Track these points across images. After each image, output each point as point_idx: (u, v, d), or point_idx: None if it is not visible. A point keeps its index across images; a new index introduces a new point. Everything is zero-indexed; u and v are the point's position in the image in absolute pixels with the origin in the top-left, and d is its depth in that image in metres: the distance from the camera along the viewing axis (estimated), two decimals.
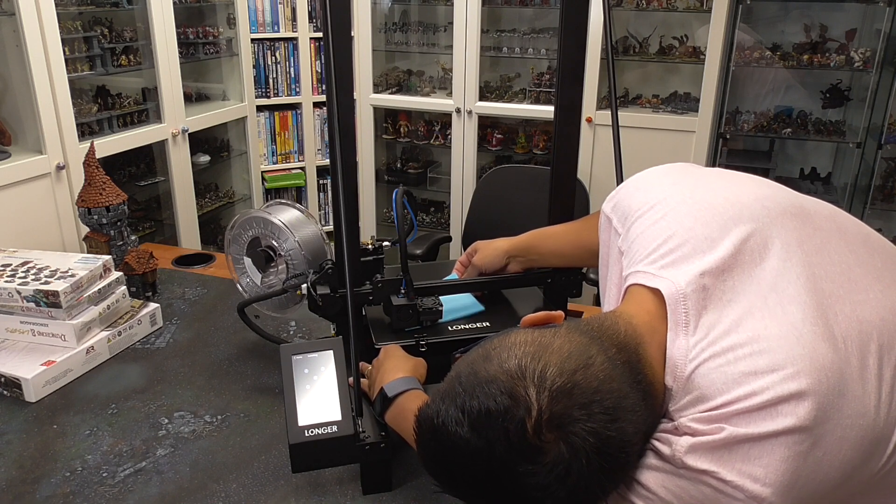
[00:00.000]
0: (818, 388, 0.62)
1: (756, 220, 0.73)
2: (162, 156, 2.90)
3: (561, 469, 0.60)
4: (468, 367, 0.67)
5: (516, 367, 0.64)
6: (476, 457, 0.62)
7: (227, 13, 3.19)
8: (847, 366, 0.64)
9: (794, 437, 0.61)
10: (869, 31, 2.87)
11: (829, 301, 0.68)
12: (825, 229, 0.74)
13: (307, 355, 1.04)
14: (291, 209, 1.38)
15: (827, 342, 0.65)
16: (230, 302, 1.64)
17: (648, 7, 3.02)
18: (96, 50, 2.55)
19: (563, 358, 0.64)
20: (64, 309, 1.35)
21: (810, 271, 0.70)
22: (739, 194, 0.77)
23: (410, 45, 3.63)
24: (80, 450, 1.16)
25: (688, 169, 0.86)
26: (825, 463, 0.62)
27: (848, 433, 0.62)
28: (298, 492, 1.07)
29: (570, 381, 0.62)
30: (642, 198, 0.82)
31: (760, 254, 0.71)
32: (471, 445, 0.62)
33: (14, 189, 2.10)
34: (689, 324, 0.68)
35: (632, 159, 0.85)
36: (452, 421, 0.63)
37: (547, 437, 0.60)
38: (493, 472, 0.62)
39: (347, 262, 1.12)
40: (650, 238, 0.77)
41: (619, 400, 0.64)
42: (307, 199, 3.67)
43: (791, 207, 0.75)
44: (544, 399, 0.61)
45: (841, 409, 0.62)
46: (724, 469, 0.62)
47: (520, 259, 1.26)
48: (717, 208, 0.75)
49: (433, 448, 0.66)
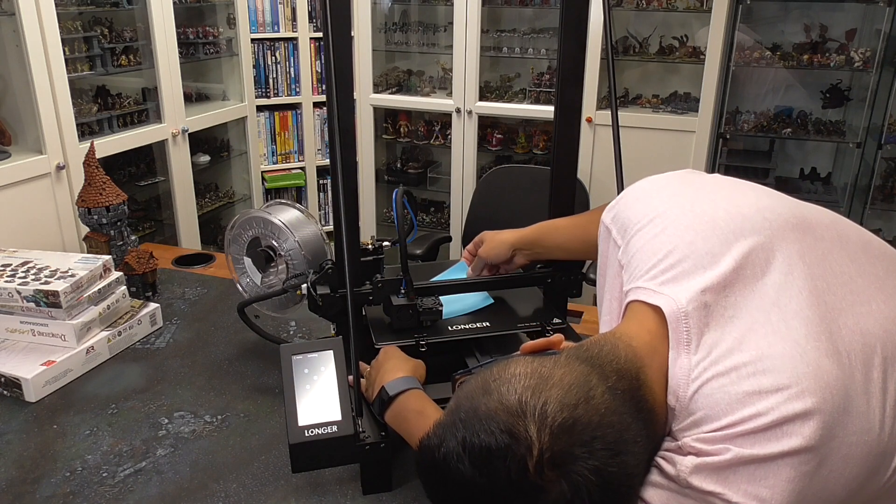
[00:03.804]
0: (823, 406, 0.61)
1: (757, 232, 0.73)
2: (162, 156, 2.90)
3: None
4: (468, 400, 0.66)
5: (516, 402, 0.63)
6: (477, 492, 0.62)
7: (227, 13, 3.19)
8: (852, 381, 0.64)
9: (801, 458, 0.61)
10: (869, 31, 2.87)
11: (832, 314, 0.68)
12: (827, 239, 0.74)
13: (307, 355, 1.04)
14: (291, 209, 1.38)
15: (831, 358, 0.64)
16: (230, 302, 1.64)
17: (648, 7, 3.02)
18: (96, 50, 2.55)
19: (564, 391, 0.63)
20: (64, 309, 1.35)
21: (813, 284, 0.69)
22: (740, 206, 0.76)
23: (410, 45, 3.63)
24: (80, 450, 1.16)
25: (687, 178, 0.85)
26: (831, 481, 0.62)
27: (854, 450, 0.62)
28: (298, 492, 1.07)
29: (570, 417, 0.62)
30: (642, 209, 0.82)
31: (762, 268, 0.70)
32: (471, 482, 0.62)
33: (14, 189, 2.10)
34: (691, 342, 0.68)
35: (632, 159, 0.84)
36: (454, 456, 0.63)
37: (548, 475, 0.60)
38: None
39: (347, 262, 1.12)
40: (650, 252, 0.77)
41: (621, 433, 0.63)
42: (307, 199, 3.67)
43: (792, 218, 0.75)
44: (545, 437, 0.60)
45: (846, 426, 0.62)
46: (731, 491, 0.62)
47: (525, 252, 1.26)
48: (718, 221, 0.75)
49: (434, 480, 0.66)
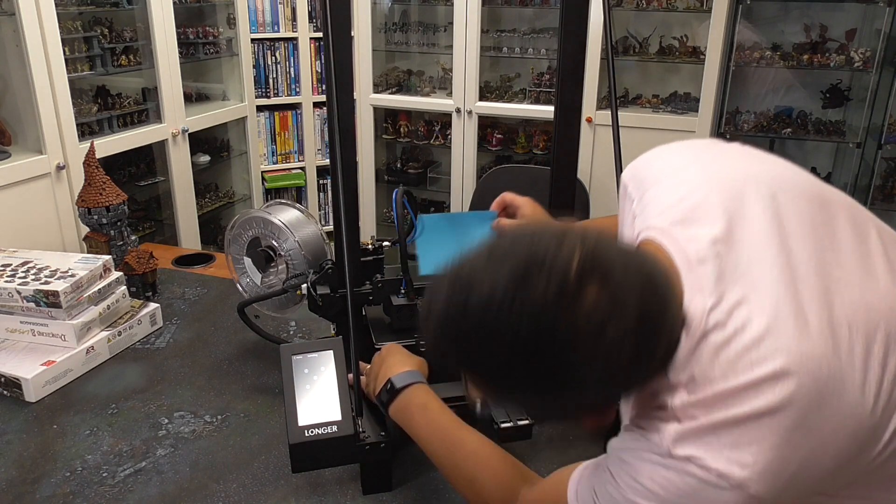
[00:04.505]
0: (802, 369, 0.61)
1: (773, 198, 0.72)
2: (162, 156, 2.90)
3: (598, 319, 0.59)
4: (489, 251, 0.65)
5: (554, 234, 0.63)
6: (510, 316, 0.59)
7: (227, 13, 3.19)
8: (849, 353, 0.63)
9: (779, 418, 0.60)
10: (869, 31, 2.87)
11: (836, 286, 0.67)
12: (841, 217, 0.73)
13: (307, 355, 1.04)
14: (291, 209, 1.38)
15: (827, 327, 0.64)
16: (230, 302, 1.64)
17: (648, 7, 3.02)
18: (96, 50, 2.55)
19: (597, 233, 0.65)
20: (64, 309, 1.35)
21: (821, 255, 0.69)
22: (760, 171, 0.76)
23: (410, 45, 3.63)
24: (80, 450, 1.16)
25: (710, 144, 0.85)
26: (819, 451, 0.62)
27: (846, 422, 0.62)
28: (298, 492, 1.07)
29: (610, 243, 0.63)
30: (660, 166, 0.81)
31: (775, 231, 0.70)
32: (507, 299, 0.59)
33: (14, 189, 2.10)
34: (704, 289, 0.66)
35: (632, 159, 0.85)
36: (487, 285, 0.61)
37: (587, 283, 0.59)
38: (525, 336, 0.59)
39: (347, 262, 1.12)
40: (665, 200, 0.76)
41: (655, 273, 0.64)
42: (307, 199, 3.67)
43: (811, 190, 0.75)
44: (589, 245, 0.61)
45: (840, 395, 0.62)
46: (710, 455, 0.61)
47: None
48: (736, 182, 0.74)
49: (464, 327, 0.62)
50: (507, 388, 0.66)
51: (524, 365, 0.61)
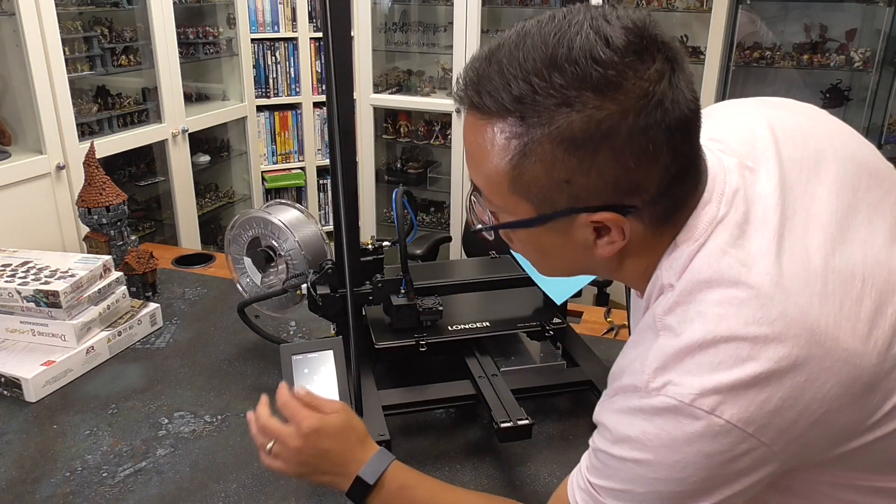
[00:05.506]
0: (792, 307, 0.60)
1: (819, 151, 0.71)
2: (162, 156, 2.90)
3: (653, 88, 0.61)
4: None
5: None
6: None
7: (227, 13, 3.19)
8: (856, 302, 0.62)
9: (767, 349, 0.59)
10: (869, 31, 2.87)
11: (858, 243, 0.66)
12: (884, 188, 0.71)
13: (307, 355, 1.04)
14: (291, 209, 1.38)
15: (831, 272, 0.63)
16: (230, 302, 1.64)
17: (648, 7, 3.02)
18: (96, 50, 2.55)
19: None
20: (64, 309, 1.35)
21: (854, 214, 0.67)
22: (814, 128, 0.75)
23: (410, 45, 3.63)
24: (80, 450, 1.16)
25: (772, 99, 0.87)
26: (808, 393, 0.60)
27: (839, 367, 0.60)
28: (298, 492, 1.07)
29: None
30: (708, 111, 0.79)
31: (809, 179, 0.69)
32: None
33: (14, 189, 2.10)
34: (724, 197, 0.66)
35: None
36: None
37: (656, 60, 0.64)
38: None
39: (347, 262, 1.12)
40: (720, 122, 0.78)
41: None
42: (307, 199, 3.67)
43: (860, 156, 0.73)
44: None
45: (837, 340, 0.60)
46: (686, 380, 0.60)
47: None
48: (788, 130, 0.74)
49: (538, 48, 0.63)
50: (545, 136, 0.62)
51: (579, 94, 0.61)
